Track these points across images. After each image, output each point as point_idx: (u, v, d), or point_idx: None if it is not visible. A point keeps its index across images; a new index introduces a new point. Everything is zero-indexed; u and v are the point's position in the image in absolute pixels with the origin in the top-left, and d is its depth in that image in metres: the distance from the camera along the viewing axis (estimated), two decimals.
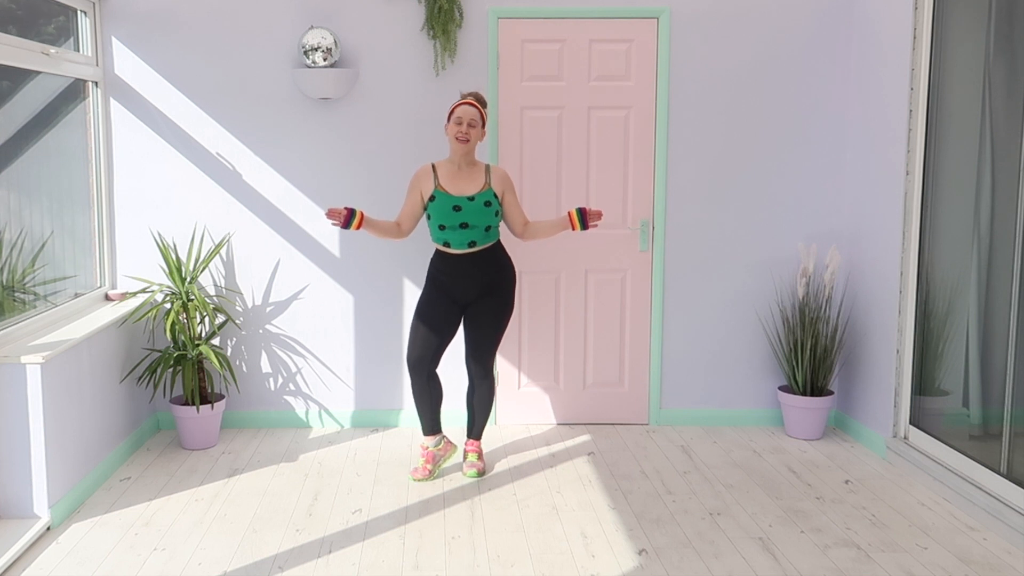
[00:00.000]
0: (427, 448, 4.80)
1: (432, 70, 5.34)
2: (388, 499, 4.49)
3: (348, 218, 4.57)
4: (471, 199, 4.60)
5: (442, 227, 4.61)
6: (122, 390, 5.04)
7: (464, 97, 4.70)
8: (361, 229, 4.64)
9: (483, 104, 4.70)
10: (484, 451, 5.06)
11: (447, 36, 5.24)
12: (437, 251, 4.73)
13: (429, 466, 4.75)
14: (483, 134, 4.68)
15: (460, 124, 4.60)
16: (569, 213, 4.69)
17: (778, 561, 3.83)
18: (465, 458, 4.86)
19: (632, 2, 5.34)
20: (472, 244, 4.63)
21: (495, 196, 4.66)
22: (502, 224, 4.89)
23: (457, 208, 4.58)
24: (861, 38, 5.34)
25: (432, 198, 4.63)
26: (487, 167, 4.72)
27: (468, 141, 4.60)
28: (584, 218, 4.67)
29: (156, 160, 5.36)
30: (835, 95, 5.47)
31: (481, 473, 4.78)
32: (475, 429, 4.89)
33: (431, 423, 4.82)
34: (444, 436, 4.87)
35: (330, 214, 4.55)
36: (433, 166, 4.70)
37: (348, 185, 5.41)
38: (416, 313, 4.74)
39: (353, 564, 3.79)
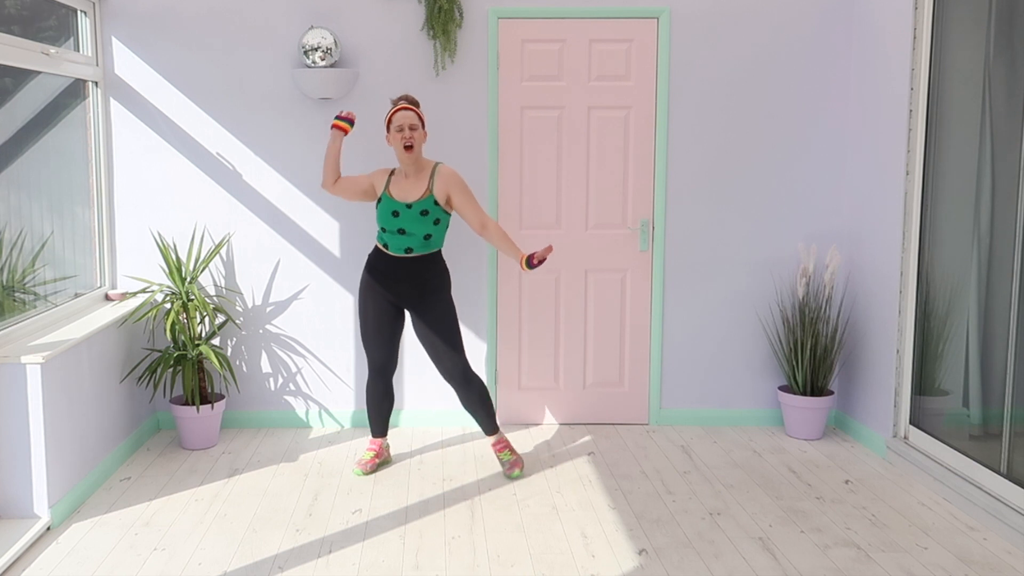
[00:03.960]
0: (380, 443, 4.92)
1: (432, 70, 5.34)
2: (388, 499, 4.49)
3: (349, 121, 4.78)
4: (408, 207, 4.59)
5: (383, 229, 4.65)
6: (122, 390, 5.04)
7: (396, 103, 4.65)
8: (336, 140, 4.77)
9: (416, 104, 4.66)
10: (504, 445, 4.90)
11: (447, 36, 5.24)
12: (376, 247, 4.75)
13: (377, 460, 4.86)
14: (424, 135, 4.65)
15: (402, 131, 4.57)
16: (521, 258, 4.62)
17: (778, 561, 3.83)
18: (501, 461, 4.81)
19: (632, 2, 5.34)
20: (409, 251, 4.64)
21: (435, 204, 4.61)
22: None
23: (395, 214, 4.60)
24: (861, 38, 5.34)
25: (380, 200, 4.67)
26: (434, 169, 4.65)
27: (414, 147, 4.57)
28: (531, 263, 4.59)
29: (156, 160, 5.36)
30: (835, 95, 5.47)
31: (522, 468, 4.77)
32: (487, 426, 4.84)
33: (384, 426, 4.93)
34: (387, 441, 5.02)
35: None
36: (392, 171, 4.73)
37: None
38: (363, 324, 4.75)
39: (353, 564, 3.79)
